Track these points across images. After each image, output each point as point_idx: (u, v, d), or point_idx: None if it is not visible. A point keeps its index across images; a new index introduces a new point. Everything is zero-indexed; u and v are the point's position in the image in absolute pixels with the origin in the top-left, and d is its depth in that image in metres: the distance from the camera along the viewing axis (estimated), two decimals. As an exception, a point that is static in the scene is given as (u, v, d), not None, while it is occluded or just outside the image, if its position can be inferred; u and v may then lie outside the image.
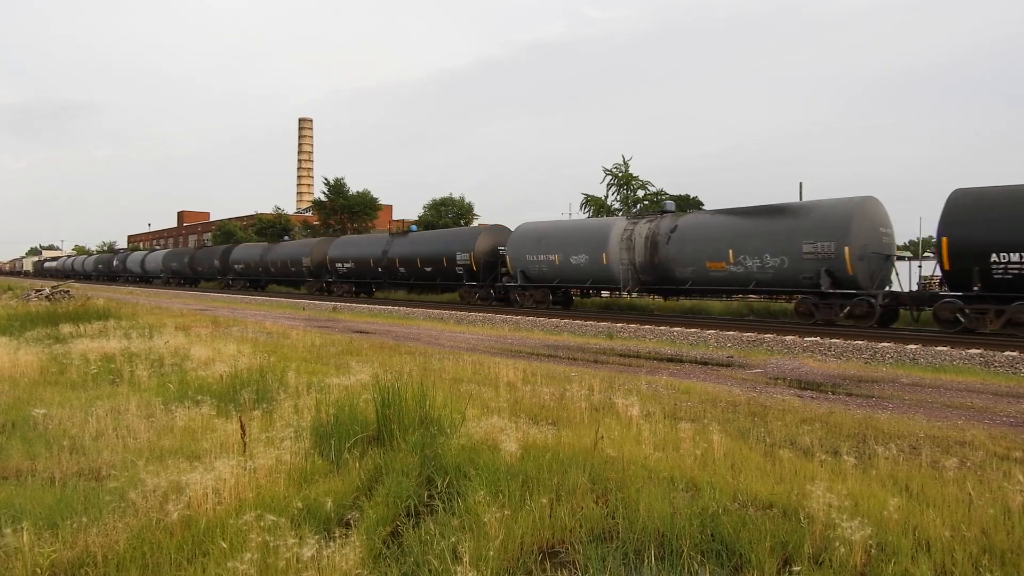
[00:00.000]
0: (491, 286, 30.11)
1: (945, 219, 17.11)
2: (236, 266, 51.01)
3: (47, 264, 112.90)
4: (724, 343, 16.15)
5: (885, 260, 19.47)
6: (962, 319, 16.96)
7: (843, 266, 18.59)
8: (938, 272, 18.01)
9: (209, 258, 55.45)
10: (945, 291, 17.78)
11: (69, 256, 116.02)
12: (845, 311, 18.80)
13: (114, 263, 77.45)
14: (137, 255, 72.21)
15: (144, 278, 68.74)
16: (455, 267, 31.47)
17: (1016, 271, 16.07)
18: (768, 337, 16.29)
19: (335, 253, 39.80)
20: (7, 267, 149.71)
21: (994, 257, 16.24)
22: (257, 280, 50.39)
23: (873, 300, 18.43)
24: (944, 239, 16.96)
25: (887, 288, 19.34)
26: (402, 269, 34.63)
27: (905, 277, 20.24)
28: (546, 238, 27.63)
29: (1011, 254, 16.08)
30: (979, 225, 16.64)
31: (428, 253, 33.29)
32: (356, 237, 41.95)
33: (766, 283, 20.52)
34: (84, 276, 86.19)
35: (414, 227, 37.96)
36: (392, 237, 36.68)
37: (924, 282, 20.71)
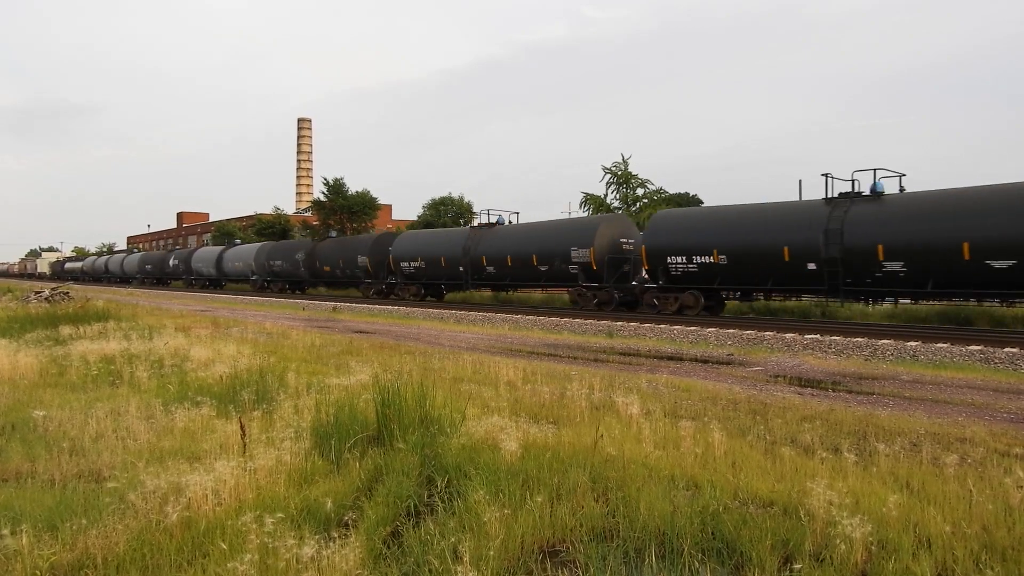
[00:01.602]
0: (617, 288, 25.14)
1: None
2: (272, 265, 45.30)
3: (69, 265, 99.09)
4: (724, 341, 16.15)
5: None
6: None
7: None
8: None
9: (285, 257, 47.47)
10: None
11: (101, 255, 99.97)
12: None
13: (171, 263, 63.09)
14: (205, 253, 58.28)
15: (215, 282, 56.25)
16: (567, 265, 26.01)
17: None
18: (768, 335, 16.29)
19: (400, 251, 34.78)
20: (15, 268, 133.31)
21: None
22: (298, 282, 44.72)
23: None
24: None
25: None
26: (490, 268, 29.23)
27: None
28: (710, 226, 21.97)
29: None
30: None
31: (529, 249, 27.55)
32: (426, 232, 36.83)
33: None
34: (122, 279, 74.28)
35: (501, 217, 31.94)
36: (475, 231, 31.57)
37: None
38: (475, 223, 35.51)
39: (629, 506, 4.30)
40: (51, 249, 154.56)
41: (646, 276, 24.50)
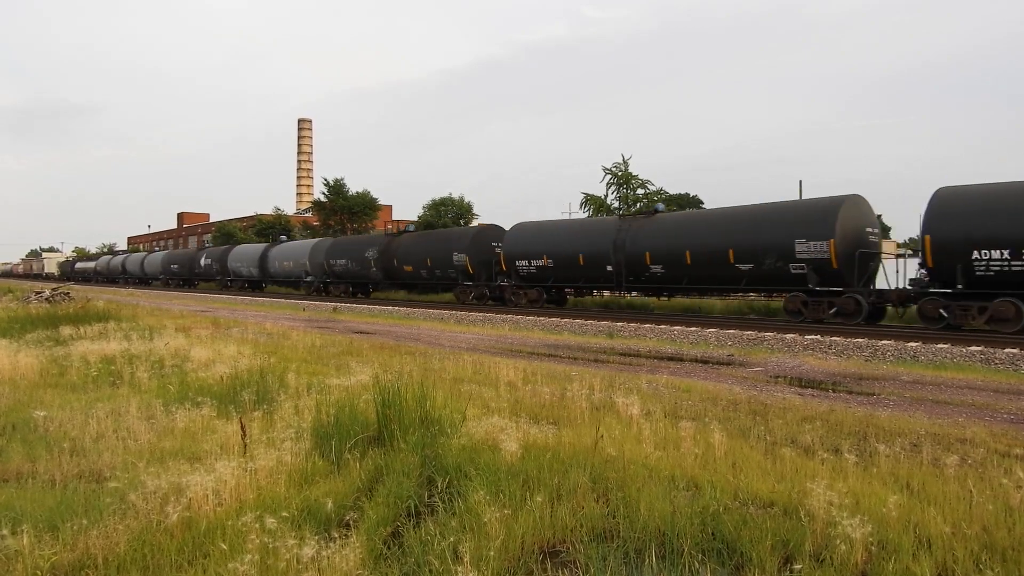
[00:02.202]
0: (866, 292, 18.79)
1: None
2: (334, 264, 38.81)
3: (80, 265, 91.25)
4: (725, 342, 16.15)
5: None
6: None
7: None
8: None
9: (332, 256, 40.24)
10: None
11: (117, 254, 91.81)
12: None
13: (202, 262, 55.90)
14: (245, 251, 50.97)
15: (255, 283, 49.86)
16: (787, 264, 19.54)
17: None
18: (769, 335, 16.29)
19: (515, 246, 27.94)
20: (20, 268, 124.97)
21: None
22: (366, 284, 38.26)
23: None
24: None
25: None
26: (656, 268, 22.83)
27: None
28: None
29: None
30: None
31: (723, 242, 21.06)
32: (554, 223, 28.94)
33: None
34: (140, 280, 68.59)
35: (661, 205, 26.95)
36: (627, 221, 24.89)
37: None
38: (619, 213, 27.81)
39: (629, 506, 4.30)
40: (51, 249, 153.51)
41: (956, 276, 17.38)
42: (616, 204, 41.92)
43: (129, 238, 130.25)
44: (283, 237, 49.43)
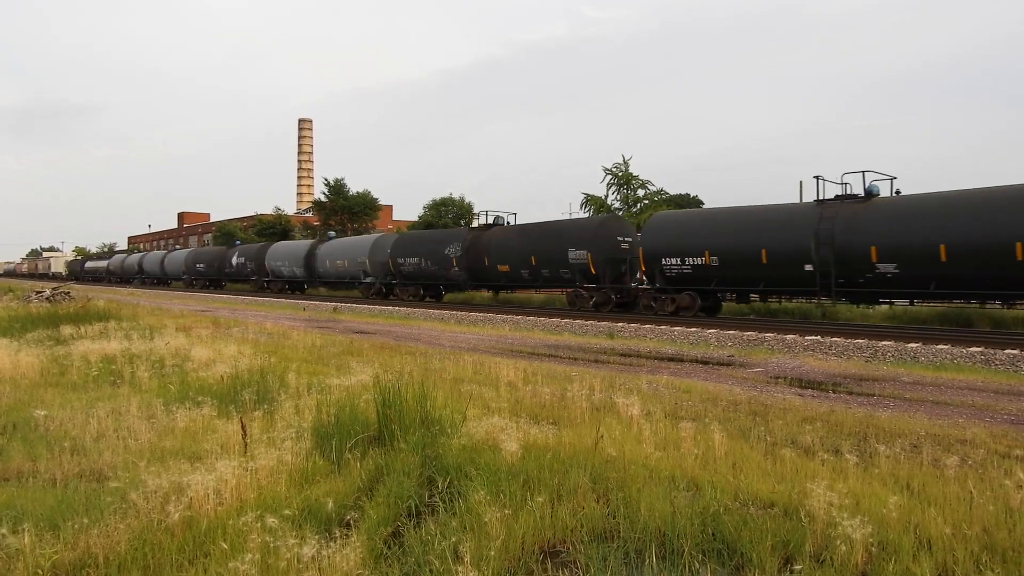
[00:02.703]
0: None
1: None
2: (402, 263, 33.38)
3: (91, 264, 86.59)
4: (725, 342, 16.15)
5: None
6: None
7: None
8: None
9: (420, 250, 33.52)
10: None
11: (131, 252, 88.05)
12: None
13: (234, 261, 50.03)
14: (287, 249, 45.00)
15: (297, 285, 44.36)
16: None
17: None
18: (769, 336, 16.29)
19: (660, 241, 22.61)
20: (25, 268, 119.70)
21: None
22: (444, 286, 33.26)
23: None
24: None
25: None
26: (888, 267, 17.40)
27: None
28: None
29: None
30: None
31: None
32: (716, 211, 23.47)
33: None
34: (159, 280, 63.85)
35: (876, 186, 19.17)
36: (835, 207, 18.85)
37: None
38: (823, 197, 19.88)
39: (630, 507, 4.30)
40: (52, 249, 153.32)
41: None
42: (617, 205, 41.93)
43: (129, 238, 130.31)
44: (331, 233, 43.05)
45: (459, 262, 30.31)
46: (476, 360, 11.32)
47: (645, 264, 23.18)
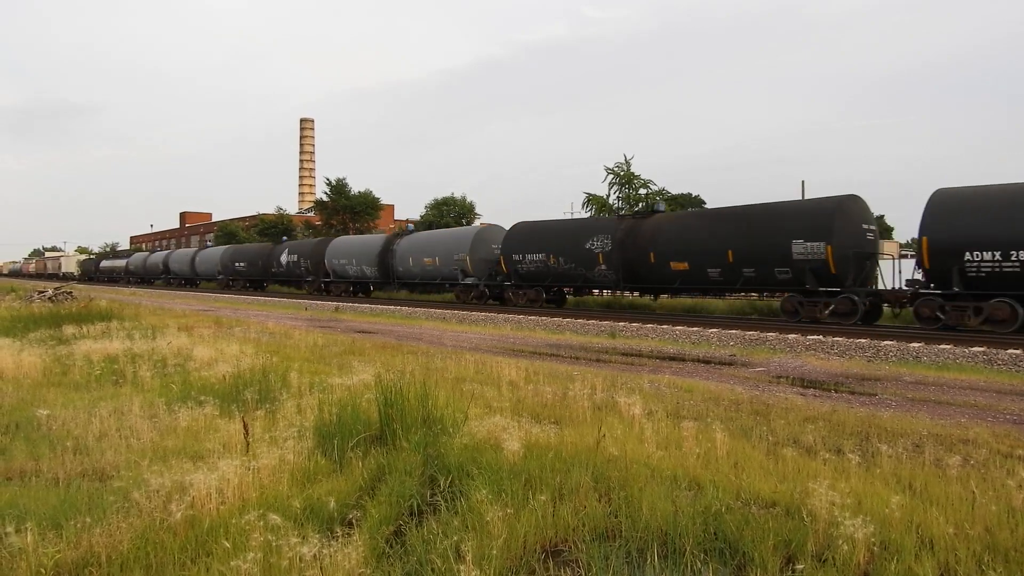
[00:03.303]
0: None
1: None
2: (519, 260, 27.73)
3: (107, 263, 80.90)
4: (727, 342, 16.14)
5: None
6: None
7: None
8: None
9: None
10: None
11: (153, 250, 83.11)
12: None
13: (283, 259, 43.92)
14: (353, 245, 39.00)
15: (362, 287, 38.83)
16: None
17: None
18: (771, 336, 16.27)
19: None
20: (32, 268, 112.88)
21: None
22: (557, 288, 27.99)
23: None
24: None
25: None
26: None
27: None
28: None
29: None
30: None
31: None
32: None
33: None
34: (188, 280, 58.10)
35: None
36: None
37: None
38: None
39: (631, 506, 4.30)
40: (55, 249, 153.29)
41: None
42: (618, 204, 41.91)
43: (132, 237, 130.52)
44: (411, 226, 36.58)
45: (607, 258, 24.52)
46: (478, 359, 11.32)
47: (930, 260, 17.76)
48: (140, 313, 20.73)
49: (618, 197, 42.14)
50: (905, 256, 23.87)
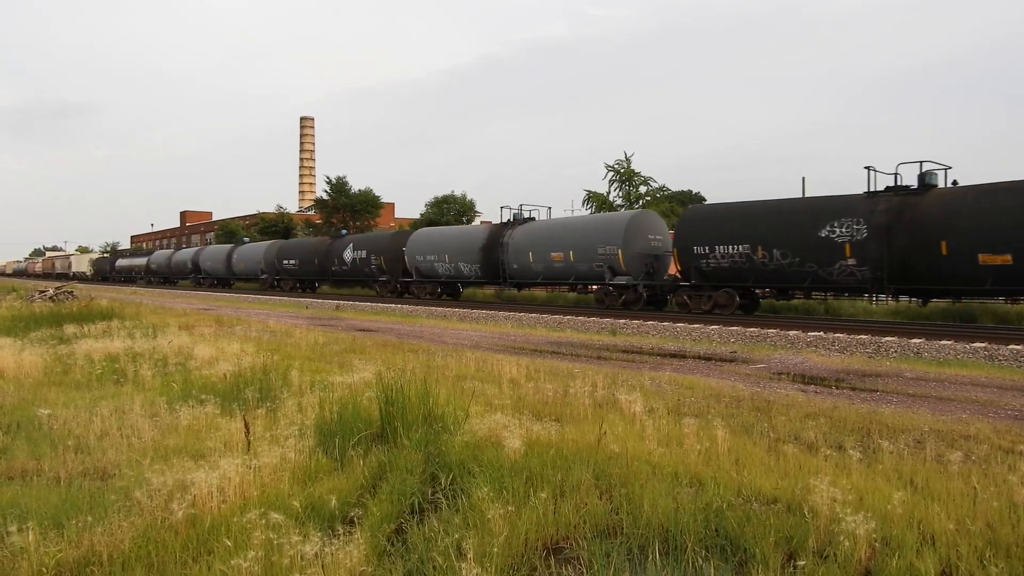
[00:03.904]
0: None
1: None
2: (705, 255, 21.50)
3: (123, 262, 74.64)
4: (727, 339, 16.13)
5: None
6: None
7: None
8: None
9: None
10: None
11: (180, 246, 78.06)
12: None
13: (347, 255, 37.55)
14: (452, 236, 32.73)
15: (447, 288, 33.26)
16: None
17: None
18: (772, 332, 16.27)
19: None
20: (39, 267, 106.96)
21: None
22: (747, 289, 21.47)
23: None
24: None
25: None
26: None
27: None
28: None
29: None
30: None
31: None
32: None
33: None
34: (222, 280, 52.00)
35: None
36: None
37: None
38: None
39: (633, 503, 4.30)
40: (55, 248, 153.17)
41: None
42: (619, 201, 41.91)
43: (132, 236, 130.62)
44: (522, 214, 30.11)
45: (858, 250, 18.39)
46: (479, 357, 11.32)
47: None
48: (141, 312, 20.73)
49: (618, 194, 42.17)
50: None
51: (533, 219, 29.48)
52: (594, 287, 26.28)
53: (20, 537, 3.63)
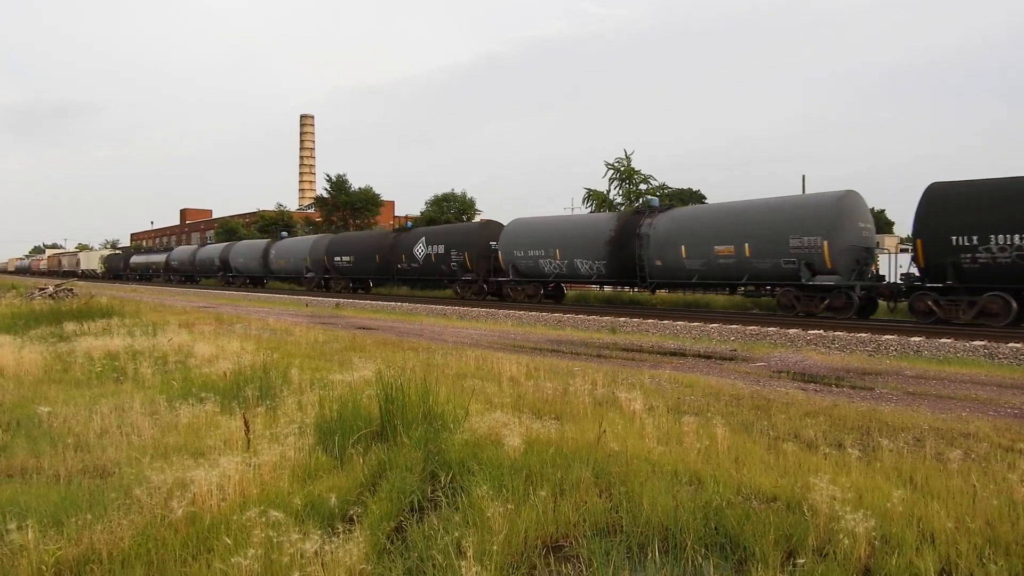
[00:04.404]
0: None
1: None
2: (968, 248, 16.36)
3: (137, 259, 69.89)
4: (727, 337, 16.13)
5: None
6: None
7: None
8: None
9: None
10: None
11: (205, 242, 73.29)
12: None
13: (417, 251, 32.28)
14: (553, 228, 27.04)
15: (555, 290, 28.55)
16: None
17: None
18: (771, 330, 16.27)
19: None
20: (44, 265, 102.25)
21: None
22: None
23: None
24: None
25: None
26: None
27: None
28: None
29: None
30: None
31: None
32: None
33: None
34: (256, 280, 47.61)
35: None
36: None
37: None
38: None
39: (632, 501, 4.30)
40: (55, 246, 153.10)
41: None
42: (619, 200, 41.88)
43: (132, 234, 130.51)
44: (654, 199, 25.60)
45: None
46: (478, 355, 11.32)
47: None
48: (141, 310, 20.73)
49: (619, 192, 42.14)
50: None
51: (662, 207, 23.84)
52: (778, 289, 20.33)
53: (20, 535, 3.63)
